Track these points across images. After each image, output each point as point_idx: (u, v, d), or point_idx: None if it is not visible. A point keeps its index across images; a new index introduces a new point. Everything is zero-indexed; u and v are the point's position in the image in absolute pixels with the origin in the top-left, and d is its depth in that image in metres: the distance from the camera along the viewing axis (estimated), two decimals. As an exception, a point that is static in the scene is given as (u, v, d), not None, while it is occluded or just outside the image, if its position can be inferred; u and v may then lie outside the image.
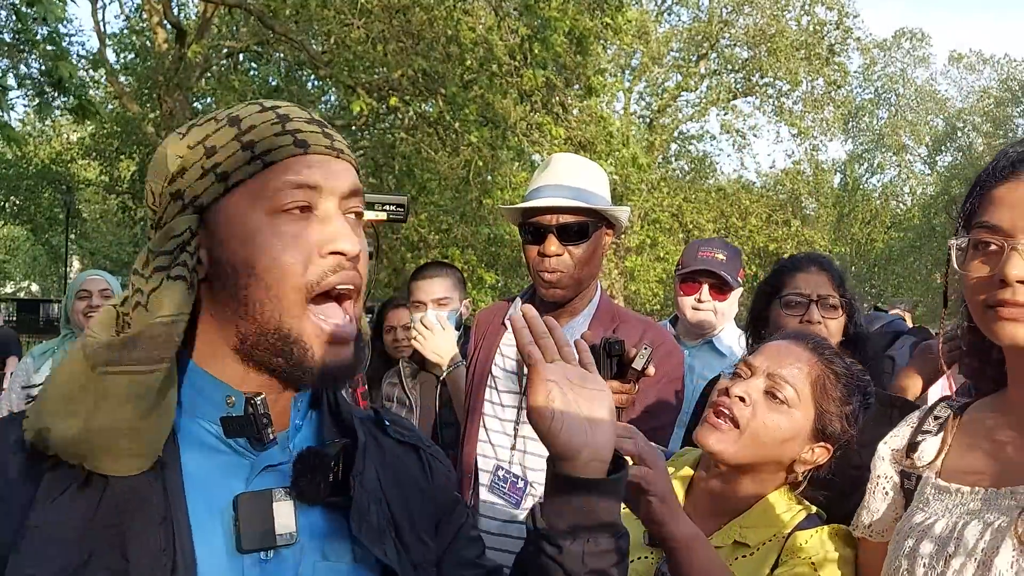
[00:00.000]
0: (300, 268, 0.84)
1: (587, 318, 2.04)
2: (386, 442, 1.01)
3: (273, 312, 0.84)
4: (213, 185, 0.86)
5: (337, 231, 0.86)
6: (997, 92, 32.01)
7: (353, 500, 0.89)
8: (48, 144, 23.53)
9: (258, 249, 0.84)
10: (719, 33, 23.63)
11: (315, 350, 0.85)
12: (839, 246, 26.88)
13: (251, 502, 0.86)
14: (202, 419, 0.88)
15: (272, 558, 0.86)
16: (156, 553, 0.79)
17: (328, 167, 0.88)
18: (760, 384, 1.41)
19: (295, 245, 0.84)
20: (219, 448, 0.88)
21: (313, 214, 0.86)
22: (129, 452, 0.81)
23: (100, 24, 16.46)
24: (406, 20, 10.11)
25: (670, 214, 21.34)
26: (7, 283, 39.46)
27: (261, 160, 0.86)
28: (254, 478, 0.88)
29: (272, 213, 0.85)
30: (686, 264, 2.81)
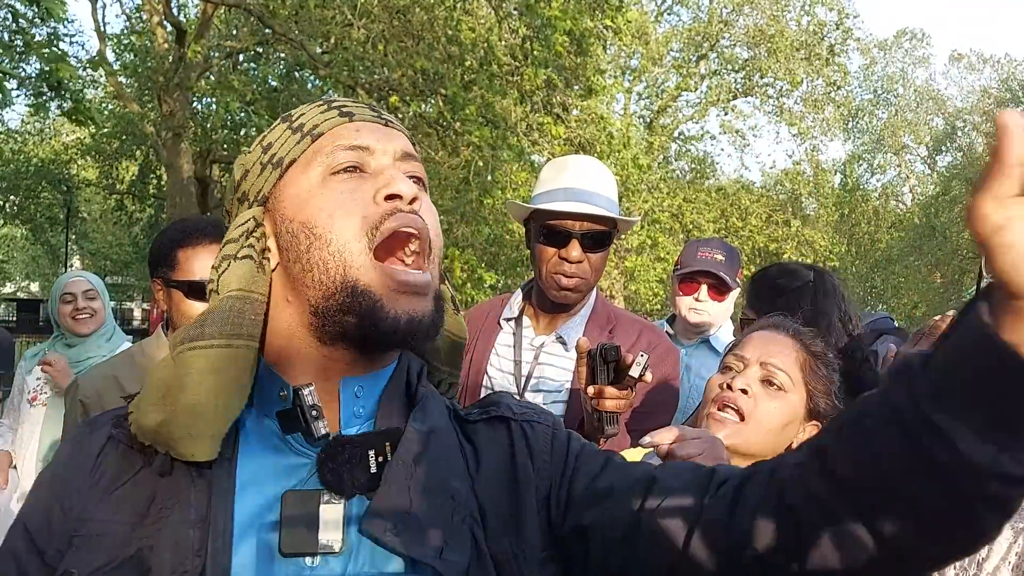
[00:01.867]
0: (357, 218, 0.81)
1: (584, 318, 2.03)
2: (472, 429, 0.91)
3: (338, 268, 0.81)
4: (271, 173, 0.88)
5: (391, 177, 0.83)
6: (997, 92, 31.99)
7: (376, 495, 0.80)
8: (47, 144, 23.51)
9: (314, 210, 0.83)
10: (719, 33, 23.62)
11: (385, 301, 0.80)
12: (839, 246, 26.85)
13: (296, 501, 0.80)
14: (268, 416, 0.85)
15: (316, 566, 0.79)
16: (185, 555, 0.76)
17: (377, 131, 0.88)
18: (756, 374, 1.48)
19: (351, 199, 0.83)
20: (281, 447, 0.84)
21: (367, 172, 0.85)
22: (207, 433, 0.79)
23: (100, 24, 16.47)
24: (406, 20, 10.11)
25: (670, 214, 21.33)
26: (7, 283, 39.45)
27: (310, 135, 0.87)
28: (311, 477, 0.82)
29: (325, 176, 0.85)
30: (685, 264, 2.81)
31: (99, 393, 1.99)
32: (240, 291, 0.84)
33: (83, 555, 0.78)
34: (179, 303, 1.95)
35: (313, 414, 0.80)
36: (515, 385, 2.01)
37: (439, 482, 0.83)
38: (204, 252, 1.95)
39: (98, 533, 0.79)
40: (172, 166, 14.59)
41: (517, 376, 2.01)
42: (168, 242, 2.00)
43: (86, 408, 1.99)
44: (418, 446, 0.84)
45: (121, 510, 0.80)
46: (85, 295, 3.13)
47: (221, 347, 0.81)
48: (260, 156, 0.90)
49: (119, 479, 0.82)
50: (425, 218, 0.85)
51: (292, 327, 0.85)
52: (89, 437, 0.87)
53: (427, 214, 0.86)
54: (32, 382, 3.22)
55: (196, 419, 0.79)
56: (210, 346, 0.81)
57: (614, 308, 2.14)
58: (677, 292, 2.84)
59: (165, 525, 0.78)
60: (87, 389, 2.01)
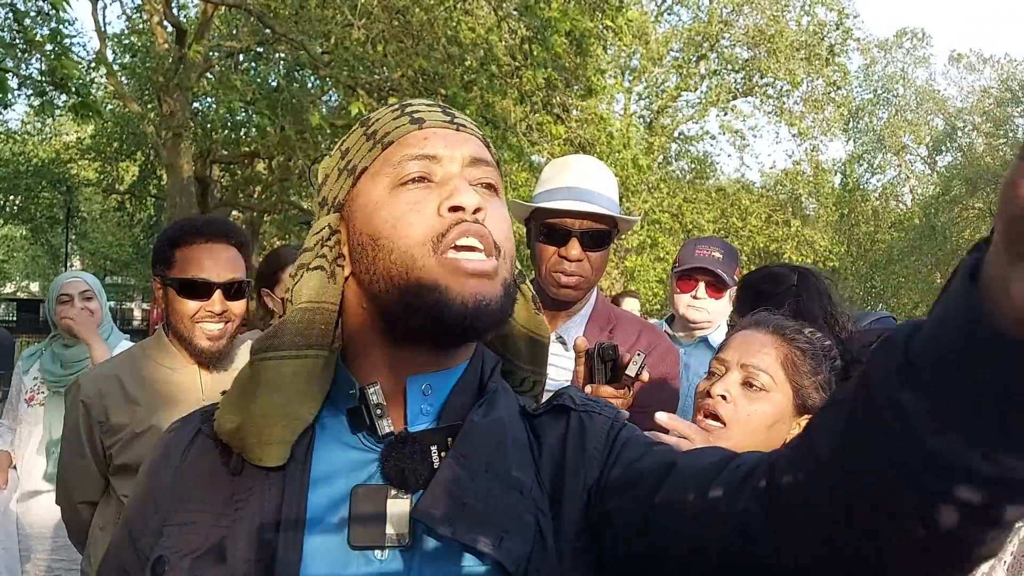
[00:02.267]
0: (421, 228, 0.83)
1: (584, 318, 2.04)
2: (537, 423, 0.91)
3: (401, 273, 0.82)
4: (346, 180, 0.90)
5: (455, 187, 0.84)
6: (997, 92, 31.98)
7: (429, 486, 0.81)
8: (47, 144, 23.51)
9: (380, 222, 0.85)
10: (719, 33, 23.62)
11: (451, 287, 0.80)
12: (839, 246, 26.85)
13: (365, 496, 0.83)
14: (342, 413, 0.89)
15: (385, 559, 0.82)
16: (258, 546, 0.80)
17: (447, 137, 0.88)
18: (736, 377, 1.48)
19: (415, 211, 0.84)
20: (353, 443, 0.87)
21: (434, 182, 0.86)
22: (278, 439, 0.83)
23: (100, 24, 16.46)
24: (406, 21, 10.12)
25: (670, 215, 21.34)
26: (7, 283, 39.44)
27: (380, 143, 0.89)
28: (376, 473, 0.85)
29: (392, 187, 0.86)
30: (683, 262, 2.84)
31: (100, 393, 2.00)
32: (310, 303, 0.86)
33: (172, 542, 0.84)
34: (173, 300, 1.97)
35: (377, 412, 0.84)
36: None
37: (500, 473, 0.84)
38: (200, 251, 1.97)
39: (185, 522, 0.84)
40: (172, 166, 14.58)
41: None
42: (165, 240, 2.03)
43: (87, 408, 2.00)
44: (478, 438, 0.85)
45: (206, 501, 0.85)
46: (82, 295, 3.12)
47: (290, 358, 0.85)
48: (338, 162, 0.92)
49: (204, 473, 0.87)
50: (491, 226, 0.85)
51: (366, 331, 0.88)
52: (180, 432, 0.92)
53: (494, 221, 0.86)
54: (29, 382, 3.21)
55: (265, 427, 0.84)
56: (280, 357, 0.85)
57: (614, 308, 2.14)
58: (675, 290, 2.87)
59: (241, 517, 0.82)
60: (88, 389, 2.01)
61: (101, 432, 1.98)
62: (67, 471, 2.08)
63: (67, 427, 2.08)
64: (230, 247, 2.02)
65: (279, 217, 20.05)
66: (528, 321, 0.99)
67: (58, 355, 3.15)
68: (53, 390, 3.11)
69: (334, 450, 0.87)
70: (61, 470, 2.12)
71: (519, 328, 0.98)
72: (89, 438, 2.00)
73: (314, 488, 0.84)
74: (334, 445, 0.87)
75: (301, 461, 0.85)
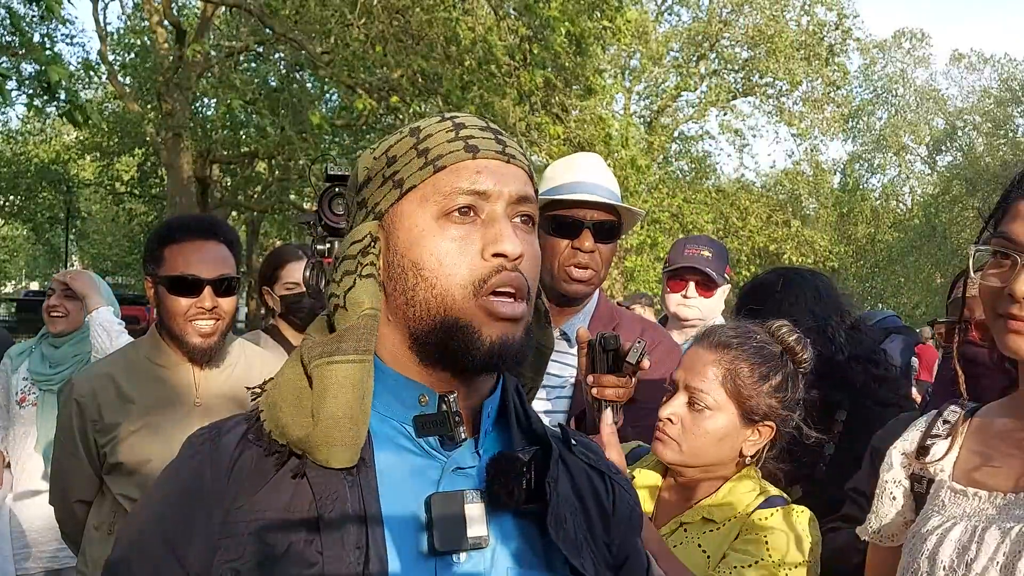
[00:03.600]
0: (464, 270, 0.86)
1: (587, 316, 2.05)
2: (572, 460, 0.99)
3: (439, 309, 0.86)
4: (391, 191, 0.90)
5: (499, 233, 0.86)
6: (997, 92, 31.99)
7: (550, 506, 0.88)
8: (47, 144, 23.52)
9: (425, 251, 0.87)
10: (719, 33, 23.63)
11: (483, 330, 0.86)
12: (839, 246, 26.85)
13: (444, 502, 0.86)
14: (394, 419, 0.90)
15: (465, 561, 0.86)
16: (350, 549, 0.81)
17: (498, 172, 0.89)
18: (682, 399, 1.56)
19: (460, 248, 0.86)
20: (411, 449, 0.89)
21: (479, 218, 0.88)
22: (346, 441, 0.84)
23: (101, 24, 16.47)
24: (406, 21, 10.12)
25: (670, 214, 21.34)
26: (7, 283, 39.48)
27: (433, 165, 0.89)
28: (444, 479, 0.88)
29: (440, 216, 0.87)
30: (672, 261, 2.87)
31: (94, 392, 2.00)
32: (372, 309, 0.88)
33: (237, 553, 0.83)
34: (164, 298, 1.97)
35: (456, 419, 0.87)
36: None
37: (569, 499, 0.94)
38: (189, 248, 1.97)
39: (248, 532, 0.84)
40: (172, 166, 14.59)
41: None
42: (156, 239, 2.03)
43: (81, 407, 1.99)
44: (555, 467, 0.92)
45: (269, 507, 0.85)
46: (63, 291, 3.08)
47: (357, 362, 0.87)
48: (384, 168, 0.92)
49: (262, 478, 0.87)
50: (526, 270, 0.89)
51: (395, 343, 0.90)
52: (219, 443, 0.90)
53: (529, 264, 0.89)
54: (19, 382, 3.19)
55: (335, 429, 0.85)
56: (348, 361, 0.86)
57: (616, 307, 2.16)
58: (666, 289, 2.89)
59: (325, 521, 0.83)
60: (82, 388, 2.01)
61: (95, 431, 1.98)
62: (61, 470, 2.08)
63: (60, 426, 2.07)
64: (219, 244, 2.02)
65: (279, 217, 20.07)
66: (538, 332, 1.03)
67: (47, 356, 3.14)
68: (44, 389, 3.09)
69: (392, 454, 0.89)
70: (55, 469, 2.12)
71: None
72: (83, 437, 1.99)
73: (383, 493, 0.86)
74: (392, 449, 0.89)
75: (371, 464, 0.87)
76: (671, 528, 1.55)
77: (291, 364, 0.91)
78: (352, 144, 13.69)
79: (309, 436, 0.85)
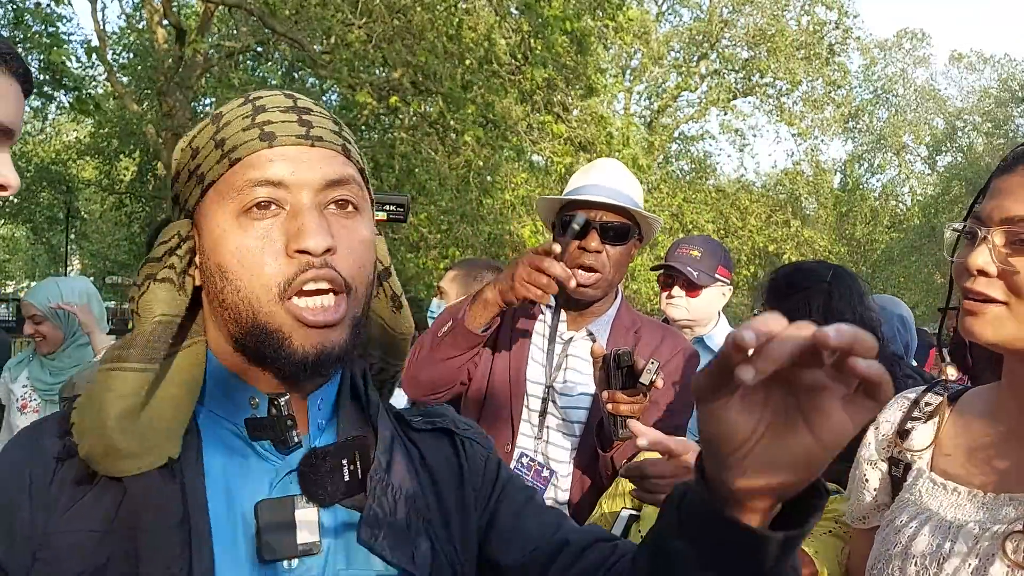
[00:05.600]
0: (268, 270, 0.80)
1: (609, 320, 2.07)
2: (416, 436, 0.96)
3: (248, 314, 0.81)
4: (195, 188, 0.85)
5: (303, 226, 0.80)
6: (997, 92, 31.99)
7: (366, 504, 0.83)
8: (47, 144, 23.51)
9: (227, 252, 0.81)
10: (719, 33, 23.63)
11: (294, 336, 0.80)
12: (839, 246, 26.85)
13: (272, 508, 0.82)
14: (227, 420, 0.86)
15: (296, 567, 0.82)
16: (171, 557, 0.76)
17: (298, 159, 0.82)
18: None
19: (261, 247, 0.80)
20: (244, 451, 0.85)
21: (283, 210, 0.82)
22: (126, 452, 0.79)
23: (100, 24, 16.45)
24: (407, 20, 10.11)
25: (670, 214, 21.34)
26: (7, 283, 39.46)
27: (228, 158, 0.83)
28: (278, 483, 0.84)
29: (239, 214, 0.81)
30: (665, 260, 2.88)
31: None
32: (162, 316, 0.83)
33: (53, 569, 0.78)
34: None
35: (289, 423, 0.82)
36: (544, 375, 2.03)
37: (404, 487, 0.88)
38: None
39: (68, 544, 0.78)
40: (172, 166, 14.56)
41: (548, 367, 2.03)
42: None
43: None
44: (385, 454, 0.88)
45: (89, 520, 0.79)
46: (31, 320, 3.09)
47: (139, 371, 0.82)
48: (189, 161, 0.87)
49: (81, 490, 0.81)
50: (341, 262, 0.82)
51: (224, 344, 0.86)
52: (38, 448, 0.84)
53: (345, 254, 0.83)
54: (18, 390, 3.19)
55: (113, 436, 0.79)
56: (130, 369, 0.82)
57: (638, 314, 2.18)
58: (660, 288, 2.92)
59: (143, 529, 0.78)
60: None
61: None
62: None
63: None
64: None
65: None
66: (391, 320, 0.99)
67: (46, 364, 3.15)
68: (45, 398, 3.10)
69: (223, 456, 0.85)
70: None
71: (376, 320, 0.98)
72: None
73: (212, 498, 0.81)
74: (223, 450, 0.85)
75: (196, 467, 0.82)
76: None
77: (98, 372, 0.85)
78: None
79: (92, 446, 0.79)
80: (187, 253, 0.86)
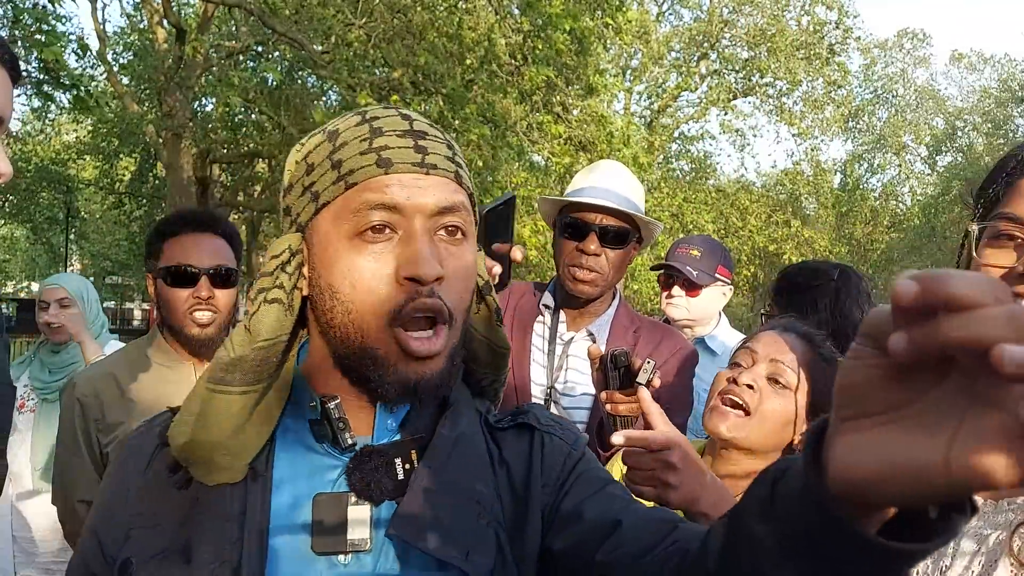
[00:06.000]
0: (378, 296, 0.82)
1: (607, 322, 2.08)
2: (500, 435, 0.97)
3: (356, 334, 0.84)
4: (308, 204, 0.87)
5: (415, 254, 0.82)
6: (997, 92, 31.98)
7: (403, 501, 0.86)
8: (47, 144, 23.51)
9: (339, 274, 0.83)
10: (719, 33, 23.62)
11: (398, 366, 0.83)
12: (839, 246, 26.84)
13: (327, 504, 0.86)
14: (297, 419, 0.91)
15: (348, 563, 0.85)
16: (223, 545, 0.82)
17: (413, 185, 0.84)
18: (763, 370, 1.50)
19: (374, 271, 0.82)
20: (315, 449, 0.90)
21: (396, 235, 0.83)
22: (222, 466, 0.86)
23: (100, 24, 16.45)
24: (407, 20, 10.11)
25: (670, 214, 21.34)
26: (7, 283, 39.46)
27: (344, 181, 0.84)
28: (337, 481, 0.88)
29: (353, 236, 0.83)
30: (665, 260, 2.89)
31: (96, 391, 2.00)
32: (266, 341, 0.85)
33: (138, 545, 0.86)
34: (164, 292, 1.99)
35: (340, 426, 0.86)
36: (546, 376, 2.04)
37: (466, 486, 0.89)
38: (186, 240, 1.99)
39: (151, 525, 0.86)
40: (172, 166, 14.57)
41: (549, 368, 2.05)
42: (154, 234, 2.05)
43: (83, 407, 1.99)
44: (445, 452, 0.90)
45: (171, 507, 0.87)
46: (59, 303, 3.08)
47: (239, 394, 0.85)
48: (303, 176, 0.88)
49: (168, 479, 0.89)
50: (448, 291, 0.84)
51: (323, 352, 0.89)
52: (143, 440, 0.94)
53: (452, 283, 0.85)
54: (20, 389, 3.19)
55: (213, 453, 0.86)
56: (231, 392, 0.85)
57: (636, 314, 2.18)
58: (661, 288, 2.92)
59: (206, 519, 0.85)
60: (84, 387, 2.01)
61: (97, 430, 1.98)
62: (64, 470, 2.07)
63: (63, 426, 2.07)
64: (216, 236, 2.03)
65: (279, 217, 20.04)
66: (488, 332, 1.00)
67: (46, 362, 3.15)
68: (43, 397, 3.10)
69: (296, 452, 0.89)
70: (58, 469, 2.11)
71: (479, 338, 1.00)
72: (85, 436, 1.99)
73: (277, 492, 0.87)
74: (298, 449, 0.90)
75: (264, 464, 0.88)
76: None
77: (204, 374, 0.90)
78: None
79: (185, 451, 0.86)
80: (296, 268, 0.87)
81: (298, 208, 0.88)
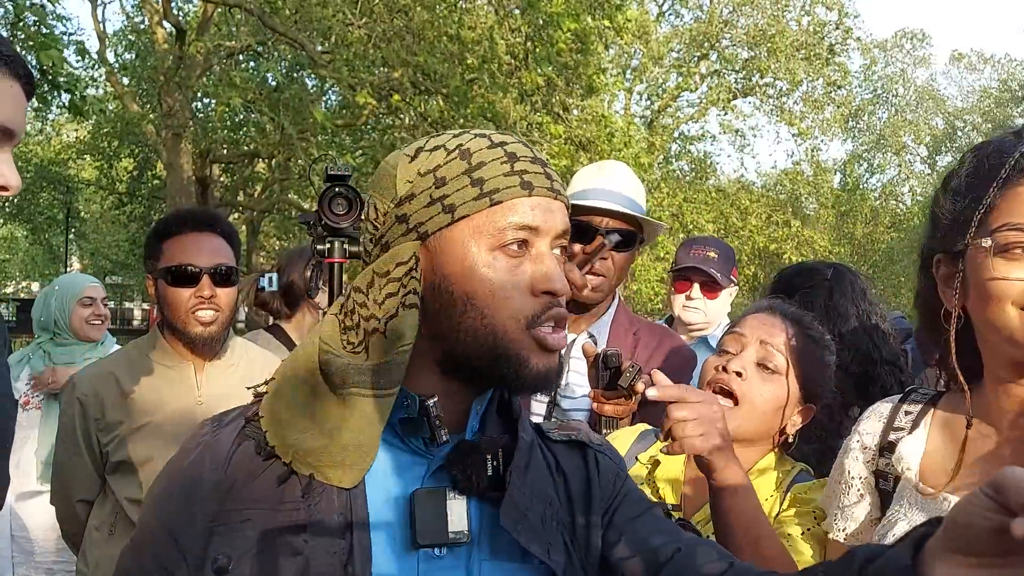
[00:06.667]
0: (516, 304, 0.90)
1: (606, 324, 2.07)
2: (553, 446, 1.04)
3: (489, 337, 0.90)
4: (440, 215, 0.91)
5: (550, 271, 0.91)
6: (997, 92, 31.98)
7: (506, 495, 0.91)
8: (47, 144, 23.51)
9: (478, 282, 0.89)
10: (719, 33, 23.61)
11: (532, 359, 0.90)
12: (839, 246, 26.84)
13: (426, 498, 0.91)
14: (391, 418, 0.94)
15: (445, 555, 0.91)
16: (333, 540, 0.87)
17: (548, 209, 0.92)
18: (752, 355, 1.47)
19: (512, 282, 0.90)
20: (401, 447, 0.94)
21: (529, 252, 0.92)
22: (357, 465, 0.90)
23: (100, 24, 16.45)
24: (407, 20, 10.11)
25: (670, 214, 21.33)
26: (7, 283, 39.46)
27: (489, 198, 0.90)
28: (429, 476, 0.93)
29: (493, 249, 0.90)
30: (679, 262, 2.88)
31: (96, 391, 1.99)
32: (408, 345, 0.90)
33: (230, 540, 0.88)
34: (165, 292, 1.98)
35: (437, 423, 0.91)
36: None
37: (541, 488, 0.96)
38: (186, 240, 1.99)
39: (241, 520, 0.89)
40: (172, 166, 14.58)
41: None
42: (154, 235, 2.06)
43: (83, 406, 1.99)
44: (526, 455, 0.97)
45: (261, 499, 0.90)
46: (104, 301, 3.23)
47: (383, 396, 0.91)
48: (431, 188, 0.91)
49: (254, 473, 0.91)
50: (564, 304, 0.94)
51: (422, 354, 0.93)
52: (218, 436, 0.95)
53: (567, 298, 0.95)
54: (22, 387, 3.18)
55: (351, 454, 0.90)
56: (374, 395, 0.90)
57: (635, 317, 2.18)
58: (672, 290, 2.89)
59: (313, 512, 0.88)
60: (84, 387, 2.01)
61: (97, 429, 1.98)
62: (64, 469, 2.07)
63: (63, 425, 2.07)
64: (216, 235, 2.03)
65: (279, 217, 20.04)
66: None
67: (52, 357, 3.16)
68: (48, 392, 3.10)
69: (387, 453, 0.94)
70: (57, 469, 2.11)
71: None
72: (85, 436, 1.99)
73: (371, 489, 0.91)
74: (386, 448, 0.94)
75: None
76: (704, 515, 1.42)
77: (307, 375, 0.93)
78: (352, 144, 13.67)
79: (321, 454, 0.89)
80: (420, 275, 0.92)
81: (422, 218, 0.91)
